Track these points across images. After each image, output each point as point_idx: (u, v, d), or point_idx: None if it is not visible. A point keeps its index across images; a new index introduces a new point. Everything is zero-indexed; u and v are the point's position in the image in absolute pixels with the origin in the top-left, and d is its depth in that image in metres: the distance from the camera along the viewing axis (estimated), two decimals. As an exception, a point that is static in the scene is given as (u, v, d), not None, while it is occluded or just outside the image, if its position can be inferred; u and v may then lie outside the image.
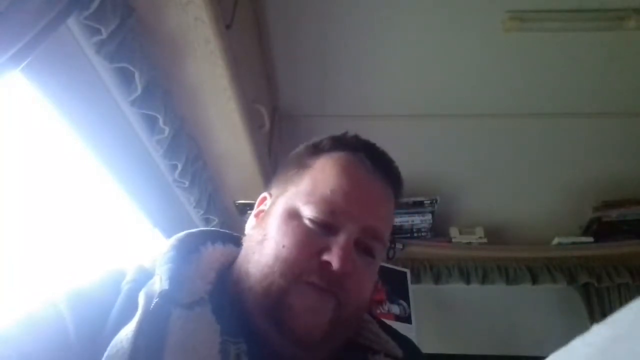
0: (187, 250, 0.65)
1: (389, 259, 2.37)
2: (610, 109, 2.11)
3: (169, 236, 1.61)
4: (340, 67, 1.96)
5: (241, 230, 0.76)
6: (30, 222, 1.12)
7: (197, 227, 1.53)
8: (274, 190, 0.69)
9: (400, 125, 2.23)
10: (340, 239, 0.59)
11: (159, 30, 1.18)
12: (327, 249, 0.58)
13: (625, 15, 1.66)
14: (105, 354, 0.50)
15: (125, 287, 0.59)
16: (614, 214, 2.46)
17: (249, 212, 1.94)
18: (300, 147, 0.72)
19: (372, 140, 0.72)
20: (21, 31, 0.76)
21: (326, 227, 0.60)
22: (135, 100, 1.20)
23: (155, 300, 0.53)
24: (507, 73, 1.96)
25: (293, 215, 0.61)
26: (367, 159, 0.65)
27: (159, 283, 0.56)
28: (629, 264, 2.42)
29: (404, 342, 0.70)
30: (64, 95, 1.09)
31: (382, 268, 2.40)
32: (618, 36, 1.75)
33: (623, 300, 2.36)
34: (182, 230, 0.69)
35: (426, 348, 0.79)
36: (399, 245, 2.40)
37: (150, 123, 1.32)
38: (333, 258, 0.57)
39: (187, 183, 1.51)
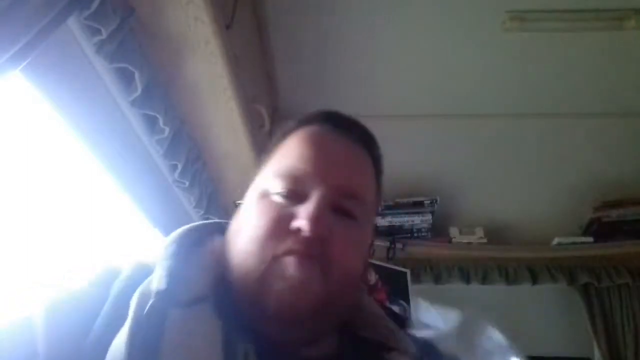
0: (192, 243, 0.61)
1: (388, 260, 2.37)
2: (610, 109, 2.11)
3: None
4: (341, 67, 1.96)
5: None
6: (31, 222, 1.12)
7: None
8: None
9: (401, 126, 2.22)
10: (309, 202, 0.55)
11: (159, 30, 1.18)
12: (296, 216, 0.54)
13: (625, 15, 1.66)
14: None
15: (116, 286, 0.54)
16: (614, 214, 2.46)
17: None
18: (272, 140, 0.69)
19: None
20: (21, 31, 0.76)
21: (296, 197, 0.56)
22: (135, 100, 1.20)
23: (150, 302, 0.49)
24: (507, 73, 1.96)
25: (262, 195, 0.58)
26: (331, 124, 0.63)
27: (157, 281, 0.52)
28: (629, 264, 2.42)
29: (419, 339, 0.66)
30: (64, 96, 1.09)
31: (382, 268, 2.39)
32: (618, 36, 1.75)
33: (623, 300, 2.37)
34: (182, 231, 0.67)
35: (426, 348, 0.78)
36: (399, 245, 2.40)
37: (150, 123, 1.32)
38: (301, 222, 0.53)
39: (187, 183, 1.51)
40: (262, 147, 1.82)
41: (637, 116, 2.12)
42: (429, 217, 2.45)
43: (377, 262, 2.29)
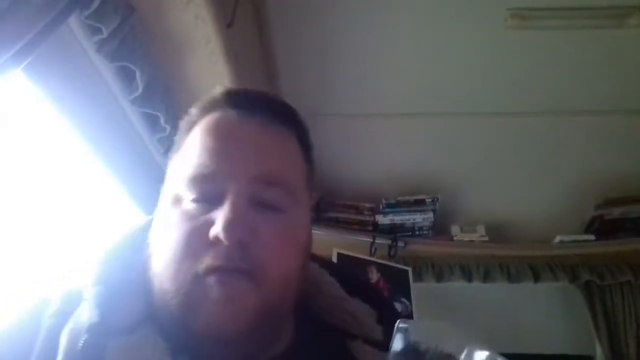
0: (132, 251, 0.54)
1: (390, 258, 2.37)
2: (611, 106, 2.11)
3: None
4: (342, 66, 1.96)
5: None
6: (32, 220, 1.12)
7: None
8: None
9: (402, 124, 2.22)
10: (224, 204, 0.48)
11: (159, 29, 1.18)
12: (211, 224, 0.47)
13: (627, 12, 1.66)
14: None
15: (46, 323, 0.48)
16: (616, 212, 2.45)
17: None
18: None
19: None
20: (22, 30, 0.76)
21: (210, 199, 0.49)
22: (136, 99, 1.20)
23: (83, 339, 0.44)
24: (509, 71, 1.96)
25: (174, 202, 0.51)
26: (236, 107, 0.54)
27: (88, 312, 0.46)
28: (631, 262, 2.41)
29: (375, 301, 0.61)
30: (65, 94, 1.09)
31: (383, 266, 2.39)
32: (620, 34, 1.74)
33: (625, 298, 2.36)
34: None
35: (427, 346, 0.77)
36: (400, 244, 2.40)
37: (152, 122, 1.32)
38: (217, 229, 0.46)
39: (188, 182, 1.51)
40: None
41: (639, 114, 2.12)
42: (430, 215, 2.45)
43: (379, 260, 2.30)
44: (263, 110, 0.54)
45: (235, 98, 0.55)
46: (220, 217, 0.47)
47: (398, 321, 0.44)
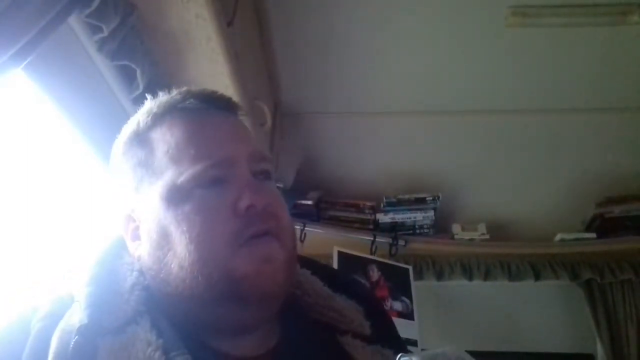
0: (117, 255, 0.57)
1: (391, 256, 2.37)
2: (613, 104, 2.11)
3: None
4: (342, 64, 1.96)
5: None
6: (32, 220, 1.12)
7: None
8: (126, 206, 0.60)
9: (402, 122, 2.22)
10: (242, 180, 0.54)
11: (160, 27, 1.18)
12: (238, 198, 0.52)
13: (629, 10, 1.65)
14: None
15: (35, 326, 0.49)
16: (616, 210, 2.45)
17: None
18: (117, 149, 0.65)
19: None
20: (22, 29, 0.76)
21: (221, 183, 0.54)
22: (137, 98, 1.20)
23: (74, 340, 0.46)
24: (510, 69, 1.96)
25: (181, 197, 0.53)
26: (200, 104, 0.60)
27: (79, 313, 0.48)
28: (632, 260, 2.41)
29: (361, 297, 0.65)
30: (66, 93, 1.09)
31: (384, 265, 2.39)
32: (621, 31, 1.74)
33: (626, 296, 2.36)
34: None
35: (428, 344, 0.77)
36: (401, 242, 2.40)
37: (152, 121, 1.32)
38: (248, 199, 0.52)
39: (189, 181, 1.51)
40: (264, 144, 1.82)
41: (640, 111, 2.12)
42: (431, 213, 2.44)
43: (380, 259, 2.29)
44: (222, 103, 0.61)
45: (198, 98, 0.60)
46: (243, 190, 0.53)
47: (399, 355, 0.47)
